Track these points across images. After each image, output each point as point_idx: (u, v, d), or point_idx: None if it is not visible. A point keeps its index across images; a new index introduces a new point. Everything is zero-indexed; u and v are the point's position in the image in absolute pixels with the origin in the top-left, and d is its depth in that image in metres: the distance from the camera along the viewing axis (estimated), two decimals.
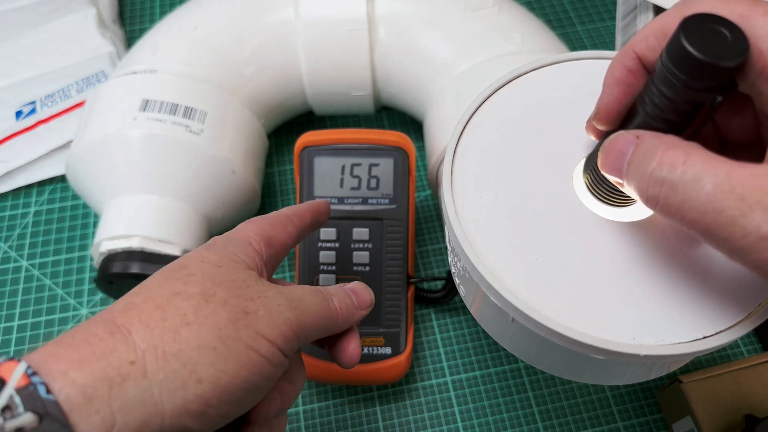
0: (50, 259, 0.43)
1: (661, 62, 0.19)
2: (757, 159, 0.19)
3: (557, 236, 0.24)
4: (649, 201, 0.19)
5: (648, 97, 0.20)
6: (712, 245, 0.18)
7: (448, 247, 0.29)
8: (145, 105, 0.36)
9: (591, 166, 0.24)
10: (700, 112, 0.19)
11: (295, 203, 0.44)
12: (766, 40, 0.18)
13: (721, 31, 0.18)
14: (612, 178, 0.21)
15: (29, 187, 0.46)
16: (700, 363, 0.38)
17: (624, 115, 0.22)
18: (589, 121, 0.24)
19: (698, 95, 0.19)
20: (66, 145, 0.46)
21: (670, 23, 0.20)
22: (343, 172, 0.37)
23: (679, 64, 0.18)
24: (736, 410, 0.33)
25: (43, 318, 0.41)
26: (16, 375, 0.17)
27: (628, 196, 0.23)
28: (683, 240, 0.24)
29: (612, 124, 0.22)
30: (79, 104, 0.47)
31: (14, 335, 0.40)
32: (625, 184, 0.20)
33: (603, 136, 0.23)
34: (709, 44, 0.18)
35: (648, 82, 0.20)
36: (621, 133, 0.21)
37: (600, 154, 0.22)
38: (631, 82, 0.21)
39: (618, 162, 0.20)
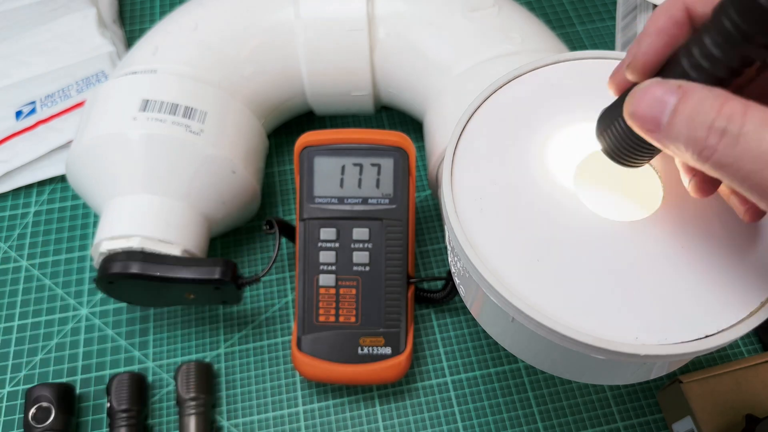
0: (50, 259, 0.43)
1: (721, 11, 0.18)
2: None
3: (557, 236, 0.24)
4: (701, 153, 0.18)
5: (696, 48, 0.19)
6: (764, 202, 0.17)
7: (448, 247, 0.29)
8: (145, 105, 0.36)
9: (608, 121, 0.22)
10: (746, 70, 0.18)
11: (295, 203, 0.44)
12: None
13: None
14: (643, 129, 0.20)
15: (29, 187, 0.46)
16: (700, 363, 0.38)
17: (659, 67, 0.21)
18: (616, 72, 0.22)
19: (755, 51, 0.18)
20: (66, 145, 0.46)
21: None
22: (343, 172, 0.37)
23: (745, 14, 0.17)
24: (736, 410, 0.33)
25: (43, 318, 0.41)
26: None
27: (645, 154, 0.22)
28: (684, 239, 0.24)
29: (646, 76, 0.21)
30: (79, 104, 0.47)
31: (14, 335, 0.40)
32: (662, 135, 0.19)
33: (626, 90, 0.22)
34: None
35: (698, 33, 0.19)
36: (657, 80, 0.19)
37: (630, 101, 0.20)
38: (675, 34, 0.20)
39: (655, 110, 0.19)
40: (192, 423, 0.36)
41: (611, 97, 0.23)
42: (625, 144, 0.22)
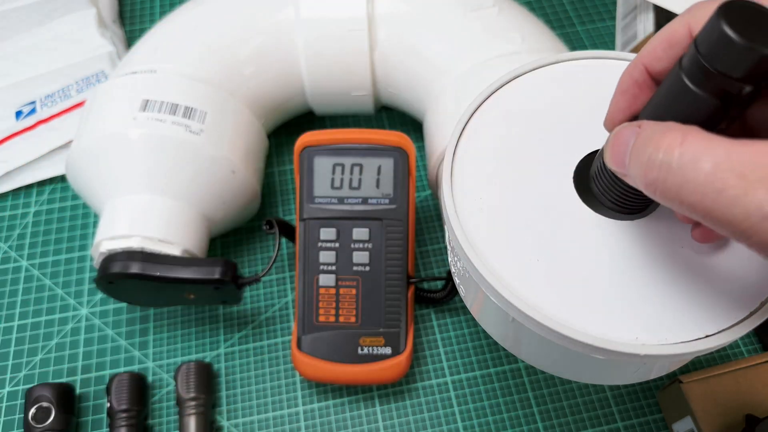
0: (50, 259, 0.43)
1: (695, 50, 0.18)
2: None
3: (557, 236, 0.24)
4: (648, 187, 0.18)
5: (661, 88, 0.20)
6: (714, 228, 0.17)
7: (448, 247, 0.29)
8: (145, 105, 0.36)
9: (596, 171, 0.24)
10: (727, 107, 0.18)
11: (295, 203, 0.44)
12: None
13: (760, 18, 0.16)
14: (616, 170, 0.20)
15: (29, 187, 0.46)
16: (700, 363, 0.38)
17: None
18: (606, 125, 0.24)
19: (728, 84, 0.17)
20: (66, 145, 0.46)
21: (677, 32, 0.20)
22: (343, 172, 0.37)
23: (714, 49, 0.17)
24: (736, 410, 0.33)
25: (43, 318, 0.41)
26: None
27: (639, 200, 0.23)
28: (684, 238, 0.24)
29: None
30: (79, 104, 0.47)
31: (14, 335, 0.40)
32: (628, 174, 0.20)
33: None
34: (749, 29, 0.16)
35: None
36: (625, 124, 0.20)
37: (605, 148, 0.21)
38: (636, 93, 0.21)
39: (621, 153, 0.20)
40: (192, 423, 0.36)
41: (610, 96, 0.23)
42: (613, 192, 0.23)
